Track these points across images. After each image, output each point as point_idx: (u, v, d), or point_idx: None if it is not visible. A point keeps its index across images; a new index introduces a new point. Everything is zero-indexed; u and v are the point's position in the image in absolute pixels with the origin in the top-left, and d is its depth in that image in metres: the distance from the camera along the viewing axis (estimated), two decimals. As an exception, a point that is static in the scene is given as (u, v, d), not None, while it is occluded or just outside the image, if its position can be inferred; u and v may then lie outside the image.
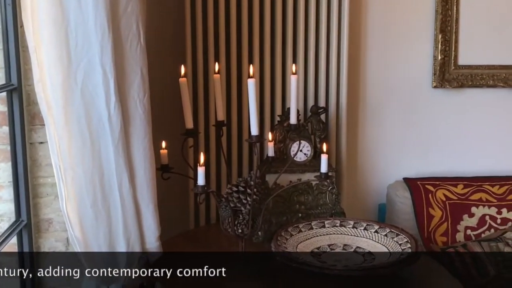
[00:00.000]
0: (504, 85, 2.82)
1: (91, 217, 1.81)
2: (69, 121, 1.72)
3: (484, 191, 2.70)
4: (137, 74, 1.79)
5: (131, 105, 1.80)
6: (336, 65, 2.61)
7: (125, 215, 1.85)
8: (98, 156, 1.78)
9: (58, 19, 1.64)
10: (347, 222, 2.23)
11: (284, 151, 2.41)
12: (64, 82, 1.69)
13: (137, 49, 1.78)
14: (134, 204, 1.86)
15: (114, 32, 1.72)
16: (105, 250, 1.84)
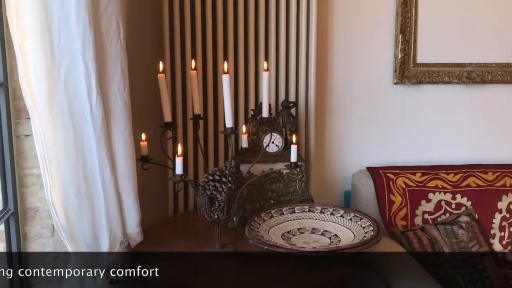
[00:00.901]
0: (458, 81, 2.84)
1: (75, 205, 1.79)
2: (53, 114, 1.70)
3: (440, 179, 2.72)
4: (117, 70, 1.77)
5: (112, 99, 1.78)
6: (305, 62, 2.61)
7: (107, 202, 1.83)
8: (81, 147, 1.76)
9: (42, 17, 1.61)
10: (315, 208, 2.24)
11: (257, 142, 2.41)
12: (48, 77, 1.66)
13: (118, 46, 1.76)
14: (115, 192, 1.84)
15: (96, 30, 1.70)
16: (88, 235, 1.82)
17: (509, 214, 2.68)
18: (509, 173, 2.77)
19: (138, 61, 2.27)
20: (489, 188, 2.72)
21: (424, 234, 2.51)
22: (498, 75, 2.86)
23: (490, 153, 2.94)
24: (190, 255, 2.01)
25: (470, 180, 2.73)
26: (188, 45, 2.48)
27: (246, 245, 2.04)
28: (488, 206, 2.68)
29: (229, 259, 1.98)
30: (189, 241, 2.16)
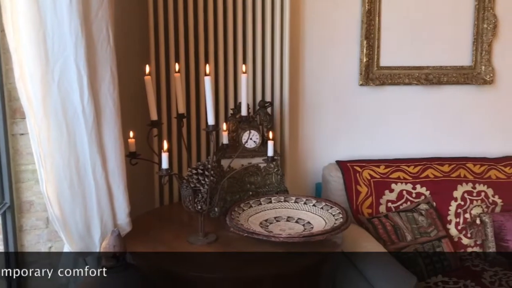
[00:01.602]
0: (417, 83, 2.88)
1: (68, 197, 1.77)
2: (48, 113, 1.68)
3: (401, 171, 2.74)
4: (107, 72, 1.76)
5: (102, 99, 1.77)
6: (279, 66, 2.62)
7: (99, 195, 1.82)
8: (74, 144, 1.74)
9: (36, 22, 1.59)
10: (290, 198, 2.26)
11: (237, 139, 2.42)
12: (42, 78, 1.64)
13: (107, 50, 1.75)
14: (106, 185, 1.83)
15: (87, 35, 1.68)
16: (81, 225, 1.81)
17: (464, 202, 2.72)
18: (463, 165, 2.81)
19: (126, 64, 2.26)
20: (446, 178, 2.75)
21: (388, 221, 2.54)
22: (453, 77, 2.90)
23: (446, 147, 2.98)
24: (176, 244, 2.02)
25: (428, 172, 2.76)
26: (172, 49, 2.47)
27: (227, 233, 2.06)
28: (445, 195, 2.72)
29: (211, 247, 1.99)
30: (174, 231, 2.16)
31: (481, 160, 2.87)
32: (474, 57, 2.91)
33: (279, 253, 1.91)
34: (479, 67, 2.92)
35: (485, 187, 2.76)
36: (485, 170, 2.81)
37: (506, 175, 2.82)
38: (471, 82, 2.92)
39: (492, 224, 2.68)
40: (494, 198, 2.76)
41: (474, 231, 2.69)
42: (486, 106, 3.00)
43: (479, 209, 2.73)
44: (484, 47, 2.89)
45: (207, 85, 1.86)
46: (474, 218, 2.71)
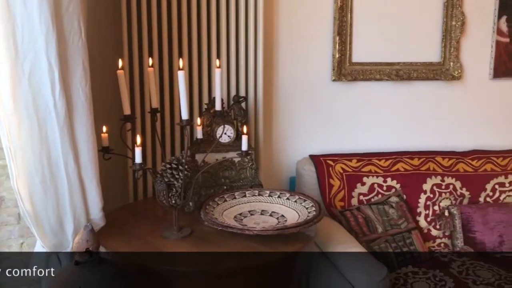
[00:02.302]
0: (388, 78, 2.91)
1: (40, 192, 1.74)
2: (18, 107, 1.65)
3: (373, 164, 2.78)
4: (79, 66, 1.73)
5: (74, 93, 1.74)
6: (253, 61, 2.61)
7: (71, 190, 1.80)
8: (46, 138, 1.71)
9: (5, 15, 1.56)
10: (264, 192, 2.27)
11: (211, 134, 2.41)
12: (12, 72, 1.61)
13: (79, 43, 1.72)
14: (79, 180, 1.81)
15: (58, 28, 1.65)
16: (53, 221, 1.78)
17: (433, 195, 2.77)
18: (432, 159, 2.86)
19: (99, 58, 2.23)
20: (415, 172, 2.79)
21: (359, 213, 2.58)
22: (422, 73, 2.95)
23: (416, 141, 3.03)
24: (150, 238, 2.00)
25: (399, 165, 2.80)
26: (145, 43, 2.44)
27: (202, 227, 2.05)
28: (415, 187, 2.76)
29: (186, 241, 1.98)
30: (148, 225, 2.14)
31: (450, 154, 2.92)
32: (443, 54, 2.97)
33: (253, 246, 1.91)
34: (447, 63, 2.98)
35: (453, 180, 2.82)
36: (453, 164, 2.87)
37: (473, 168, 2.89)
38: (440, 78, 2.97)
39: (460, 216, 2.74)
40: (462, 191, 2.82)
41: (442, 222, 2.75)
42: (454, 101, 3.06)
43: (448, 201, 2.79)
44: (453, 43, 2.95)
45: (180, 79, 1.85)
46: (442, 210, 2.77)
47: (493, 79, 3.07)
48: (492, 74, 3.06)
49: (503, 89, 3.11)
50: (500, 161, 2.94)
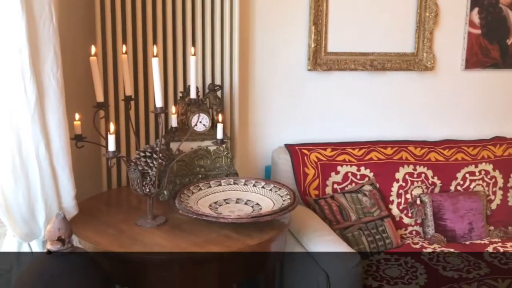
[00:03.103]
0: (363, 68, 2.93)
1: (11, 181, 1.70)
2: (-14, 93, 1.60)
3: (347, 153, 2.80)
4: (50, 51, 1.69)
5: (45, 79, 1.70)
6: (229, 49, 2.60)
7: (43, 178, 1.76)
8: (16, 125, 1.67)
9: (-28, -3, 1.51)
10: (239, 181, 2.26)
11: (186, 122, 2.39)
12: (-21, 56, 1.56)
13: (50, 29, 1.68)
14: (50, 168, 1.77)
15: (28, 12, 1.61)
16: (24, 209, 1.74)
17: (405, 183, 2.82)
18: (405, 148, 2.90)
19: (71, 44, 2.18)
20: (388, 161, 2.83)
21: (333, 202, 2.60)
22: (396, 63, 2.98)
23: (390, 131, 3.07)
24: (124, 226, 1.99)
25: (372, 154, 2.83)
26: (119, 30, 2.40)
27: (177, 216, 2.05)
28: (387, 176, 2.80)
29: (160, 229, 1.97)
30: (122, 214, 2.12)
31: (422, 143, 2.97)
32: (416, 44, 3.00)
33: (228, 234, 1.92)
34: (421, 54, 3.01)
35: (425, 169, 2.87)
36: (425, 153, 2.92)
37: (445, 158, 2.95)
38: (413, 68, 3.01)
39: (431, 204, 2.80)
40: (433, 179, 2.88)
41: (414, 210, 2.80)
42: (427, 91, 3.11)
43: (419, 189, 2.84)
44: (426, 34, 2.98)
45: (154, 66, 1.83)
46: (414, 198, 2.82)
47: (465, 70, 3.13)
48: (464, 65, 3.11)
49: (474, 80, 3.17)
50: (471, 151, 3.01)
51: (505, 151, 3.07)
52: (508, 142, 3.12)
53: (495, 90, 3.23)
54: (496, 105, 3.25)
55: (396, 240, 2.63)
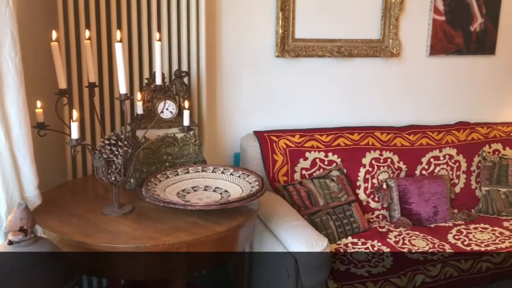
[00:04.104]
0: (330, 55, 2.94)
1: (-32, 170, 1.64)
2: None
3: (315, 140, 2.82)
4: (7, 36, 1.62)
5: (3, 65, 1.64)
6: (196, 35, 2.56)
7: (3, 167, 1.70)
8: (-27, 113, 1.61)
9: None
10: (207, 168, 2.25)
11: (152, 109, 2.35)
12: None
13: (6, 12, 1.61)
14: (11, 157, 1.71)
15: (-18, -5, 1.54)
16: (-17, 199, 1.69)
17: (372, 168, 2.86)
18: (372, 134, 2.93)
19: (32, 29, 2.11)
20: (355, 146, 2.86)
21: (302, 187, 2.62)
22: (363, 50, 3.00)
23: (357, 117, 3.10)
24: (89, 215, 1.95)
25: (339, 140, 2.85)
26: (82, 14, 2.33)
27: (144, 204, 2.02)
28: (355, 162, 2.83)
29: (127, 217, 1.94)
30: (88, 203, 2.09)
31: (388, 129, 3.01)
32: (382, 31, 3.03)
33: (196, 221, 1.90)
34: (387, 40, 3.04)
35: (391, 154, 2.92)
36: (391, 138, 2.96)
37: (410, 143, 3.00)
38: (379, 55, 3.03)
39: (397, 188, 2.85)
40: (399, 164, 2.93)
41: (381, 195, 2.84)
42: (393, 78, 3.15)
43: (386, 174, 2.89)
44: (392, 21, 3.01)
45: (118, 52, 1.78)
46: (381, 183, 2.86)
47: (430, 56, 3.18)
48: (428, 51, 3.16)
49: (439, 66, 3.23)
50: (435, 136, 3.07)
51: (468, 135, 3.14)
52: (471, 127, 3.19)
53: (459, 76, 3.29)
54: (460, 90, 3.32)
55: (363, 224, 2.67)
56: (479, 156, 3.11)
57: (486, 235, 2.67)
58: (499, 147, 3.17)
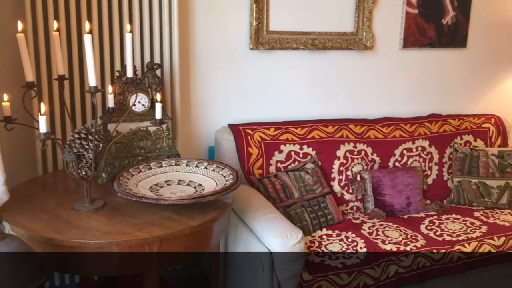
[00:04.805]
0: (304, 47, 2.93)
1: None
2: None
3: (290, 132, 2.81)
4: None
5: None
6: (168, 26, 2.52)
7: (-33, 163, 1.65)
8: None
9: None
10: (181, 162, 2.23)
11: (124, 102, 2.31)
12: None
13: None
14: (-25, 152, 1.66)
15: None
16: None
17: (346, 160, 2.88)
18: (346, 126, 2.95)
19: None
20: (330, 139, 2.87)
21: (277, 180, 2.62)
22: (337, 43, 3.00)
23: (331, 110, 3.11)
24: (60, 211, 1.91)
25: (314, 133, 2.86)
26: (50, 4, 2.26)
27: (116, 199, 1.99)
28: (329, 154, 2.84)
29: (98, 213, 1.91)
30: (58, 198, 2.04)
31: (362, 121, 3.03)
32: (356, 24, 3.04)
33: (170, 215, 1.88)
34: (360, 33, 3.05)
35: (364, 146, 2.94)
36: (365, 131, 2.98)
37: (383, 135, 3.02)
38: (353, 47, 3.04)
39: (371, 180, 2.87)
40: (372, 156, 2.95)
41: (355, 187, 2.86)
42: (367, 70, 3.16)
43: (360, 166, 2.91)
44: (365, 14, 3.02)
45: (87, 43, 1.74)
46: (355, 175, 2.88)
47: (403, 49, 3.20)
48: (402, 44, 3.18)
49: (412, 58, 3.26)
50: (408, 128, 3.10)
51: (440, 127, 3.19)
52: (443, 119, 3.24)
53: (431, 68, 3.33)
54: (432, 83, 3.36)
55: (338, 216, 2.69)
56: (451, 147, 3.16)
57: (457, 225, 2.72)
58: (471, 138, 3.23)
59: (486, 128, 3.28)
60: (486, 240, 2.55)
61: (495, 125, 3.31)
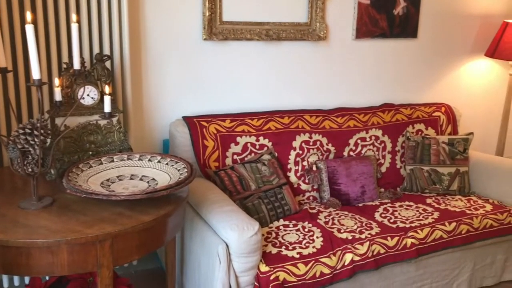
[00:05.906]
0: (258, 38, 2.91)
1: None
2: None
3: (246, 124, 2.80)
4: None
5: None
6: (117, 16, 2.45)
7: None
8: None
9: None
10: (133, 156, 2.17)
11: (72, 95, 2.23)
12: None
13: None
14: None
15: None
16: None
17: (302, 151, 2.89)
18: (301, 117, 2.96)
19: None
20: (286, 130, 2.88)
21: (233, 173, 2.60)
22: (291, 33, 3.00)
23: (286, 100, 3.11)
24: (4, 210, 1.83)
25: (270, 124, 2.86)
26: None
27: (65, 196, 1.93)
28: (285, 145, 2.85)
29: (47, 210, 1.84)
30: (4, 197, 1.95)
31: (317, 112, 3.05)
32: (309, 14, 3.04)
33: (122, 211, 1.84)
34: (314, 24, 3.06)
35: (320, 136, 2.96)
36: (320, 121, 3.01)
37: (338, 125, 3.06)
38: (307, 38, 3.05)
39: (327, 170, 2.91)
40: (328, 146, 2.98)
41: (311, 177, 2.89)
42: (320, 61, 3.18)
43: (315, 156, 2.94)
44: (319, 4, 3.03)
45: (29, 34, 1.66)
46: (311, 165, 2.91)
47: (356, 40, 3.24)
48: (354, 34, 3.22)
49: (364, 49, 3.30)
50: (362, 117, 3.15)
51: (393, 117, 3.25)
52: (395, 108, 3.31)
53: (384, 59, 3.39)
54: (384, 73, 3.42)
55: (294, 206, 2.71)
56: (403, 136, 3.23)
57: (410, 212, 2.79)
58: (422, 127, 3.31)
59: (436, 116, 3.38)
60: (438, 226, 2.63)
61: (445, 114, 3.41)
